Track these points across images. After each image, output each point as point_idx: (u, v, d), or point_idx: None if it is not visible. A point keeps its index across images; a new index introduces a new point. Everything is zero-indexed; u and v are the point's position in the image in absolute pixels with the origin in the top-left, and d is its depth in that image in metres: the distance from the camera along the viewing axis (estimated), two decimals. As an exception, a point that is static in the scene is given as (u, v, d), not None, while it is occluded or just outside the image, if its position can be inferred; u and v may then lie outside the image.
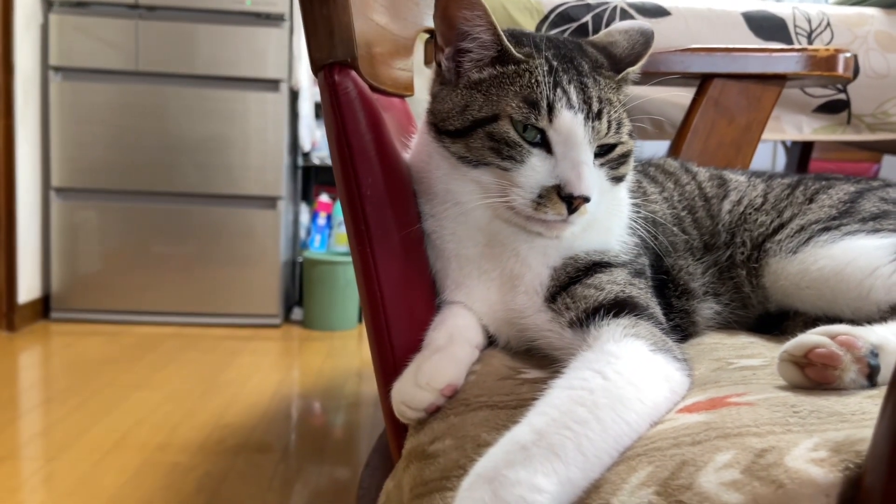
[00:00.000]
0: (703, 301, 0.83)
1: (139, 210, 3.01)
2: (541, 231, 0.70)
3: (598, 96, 0.70)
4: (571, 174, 0.67)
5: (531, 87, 0.69)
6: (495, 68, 0.71)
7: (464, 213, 0.73)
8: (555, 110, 0.68)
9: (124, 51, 2.93)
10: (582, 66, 0.72)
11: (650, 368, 0.57)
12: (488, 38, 0.70)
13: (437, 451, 0.58)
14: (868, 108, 1.43)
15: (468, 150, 0.70)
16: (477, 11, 0.68)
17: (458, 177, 0.72)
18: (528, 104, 0.68)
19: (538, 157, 0.69)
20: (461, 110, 0.71)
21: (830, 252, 0.74)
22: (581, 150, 0.68)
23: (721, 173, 0.95)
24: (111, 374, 2.37)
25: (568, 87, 0.69)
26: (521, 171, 0.68)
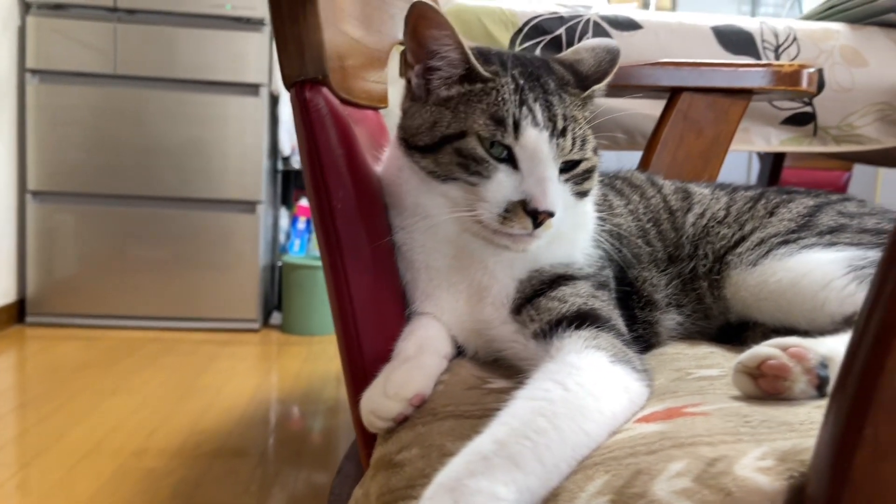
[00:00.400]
0: (665, 312, 0.85)
1: (117, 214, 3.00)
2: (507, 244, 0.72)
3: (563, 114, 0.72)
4: (537, 190, 0.69)
5: (498, 105, 0.71)
6: (463, 86, 0.73)
7: (433, 226, 0.75)
8: (521, 128, 0.70)
9: (103, 54, 2.91)
10: (548, 83, 0.74)
11: (610, 379, 0.59)
12: (456, 57, 0.72)
13: (404, 461, 0.59)
14: (833, 121, 1.47)
15: (437, 165, 0.72)
16: (445, 31, 0.70)
17: (427, 191, 0.74)
18: (494, 121, 0.70)
19: (505, 172, 0.71)
20: (430, 126, 0.73)
21: (788, 265, 0.77)
22: (546, 167, 0.70)
23: (686, 186, 0.98)
24: (87, 379, 2.35)
25: (534, 104, 0.71)
26: (488, 186, 0.70)
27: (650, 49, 1.37)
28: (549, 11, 1.39)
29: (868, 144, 1.49)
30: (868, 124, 1.47)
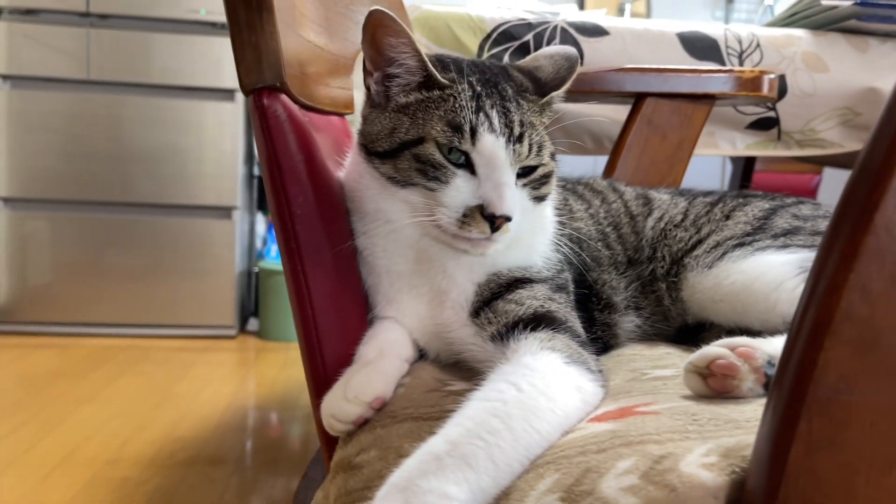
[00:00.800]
0: (624, 315, 0.87)
1: (91, 220, 2.97)
2: (466, 248, 0.73)
3: (520, 120, 0.73)
4: (493, 195, 0.70)
5: (455, 112, 0.72)
6: (421, 93, 0.74)
7: (394, 230, 0.76)
8: (477, 134, 0.71)
9: (75, 59, 2.89)
10: (505, 90, 0.76)
11: (563, 380, 0.61)
12: (414, 64, 0.73)
13: (362, 462, 0.60)
14: (797, 126, 1.50)
15: (396, 171, 0.73)
16: (402, 39, 0.71)
17: (387, 196, 0.75)
18: (451, 128, 0.71)
19: (462, 177, 0.72)
20: (389, 133, 0.74)
21: (742, 267, 0.78)
22: (503, 172, 0.71)
23: (647, 192, 1.00)
24: (60, 388, 2.33)
25: (490, 111, 0.72)
26: (447, 191, 0.71)
27: (617, 55, 1.39)
28: (518, 18, 1.41)
29: (830, 148, 1.52)
30: (830, 129, 1.50)
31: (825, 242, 0.46)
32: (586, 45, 1.40)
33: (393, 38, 0.72)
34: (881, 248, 0.43)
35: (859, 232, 0.43)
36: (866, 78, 1.48)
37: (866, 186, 0.43)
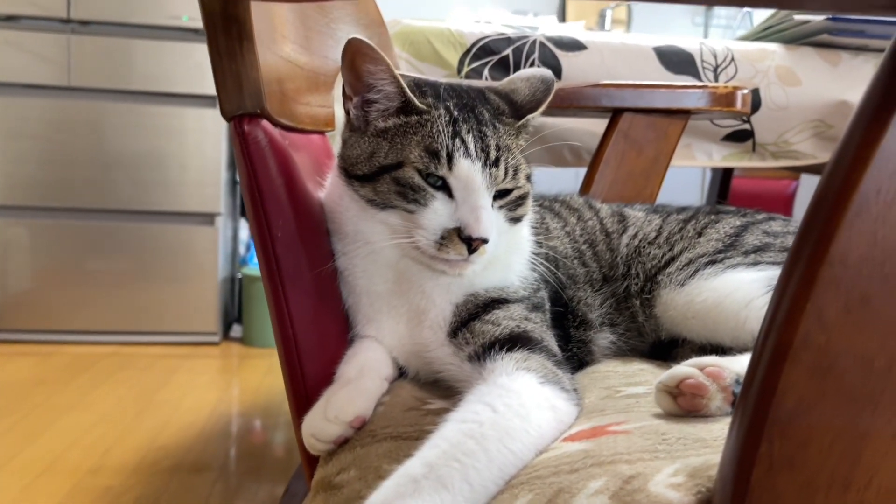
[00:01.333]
0: (599, 331, 0.89)
1: (73, 227, 2.96)
2: (444, 269, 0.75)
3: (496, 144, 0.75)
4: (470, 218, 0.71)
5: (432, 137, 0.73)
6: (399, 118, 0.75)
7: (373, 251, 0.77)
8: (454, 159, 0.72)
9: (56, 65, 2.87)
10: (482, 114, 0.77)
11: (538, 400, 0.62)
12: (392, 90, 0.75)
13: (342, 482, 0.62)
14: (770, 138, 1.53)
15: (376, 194, 0.75)
16: (380, 66, 0.73)
17: (366, 218, 0.76)
18: (429, 154, 0.72)
19: (441, 200, 0.73)
20: (368, 157, 0.75)
21: (713, 285, 0.81)
22: (479, 196, 0.73)
23: (622, 210, 1.02)
24: (42, 396, 2.32)
25: (466, 136, 0.74)
26: (425, 213, 0.73)
27: (595, 69, 1.42)
28: (497, 33, 1.43)
29: (804, 160, 1.55)
30: (803, 140, 1.54)
31: (784, 272, 0.48)
32: (564, 60, 1.42)
33: (371, 66, 0.73)
34: (836, 278, 0.45)
35: (815, 262, 0.45)
36: (838, 91, 1.51)
37: (822, 219, 0.45)
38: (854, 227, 0.44)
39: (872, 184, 0.43)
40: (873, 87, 0.45)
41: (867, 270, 0.44)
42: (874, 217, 0.43)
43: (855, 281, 0.44)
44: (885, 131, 0.42)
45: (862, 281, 0.44)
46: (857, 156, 0.43)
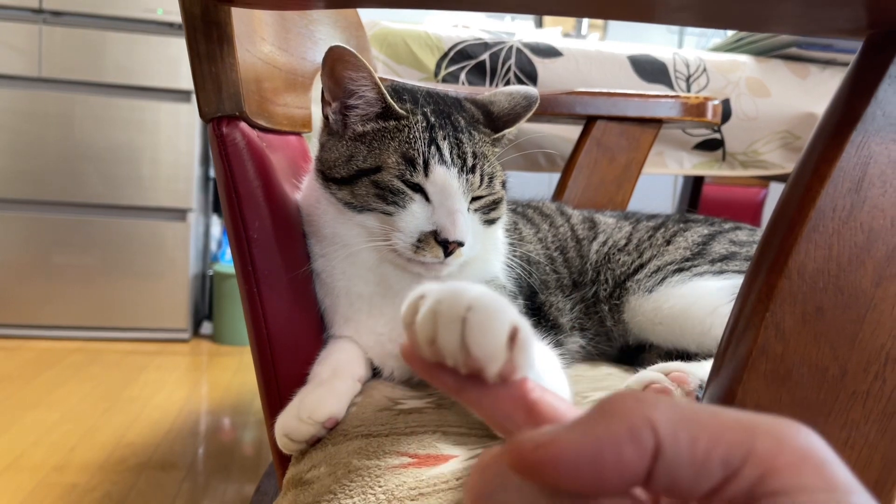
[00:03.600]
0: (569, 336, 0.90)
1: (41, 220, 2.91)
2: (420, 272, 0.76)
3: (472, 151, 0.76)
4: (447, 221, 0.73)
5: (409, 143, 0.74)
6: (378, 123, 0.76)
7: (352, 254, 0.78)
8: (430, 166, 0.74)
9: (27, 56, 2.83)
10: (459, 121, 0.79)
11: None
12: (373, 96, 0.76)
13: (313, 478, 0.62)
14: (740, 147, 1.56)
15: (353, 197, 0.75)
16: (362, 73, 0.74)
17: (344, 221, 0.77)
18: (405, 160, 0.74)
19: (419, 203, 0.74)
20: (346, 160, 0.76)
21: (680, 292, 0.83)
22: (455, 200, 0.74)
23: (593, 216, 1.04)
24: (6, 392, 2.28)
25: (442, 143, 0.75)
26: (403, 216, 0.74)
27: (570, 76, 1.44)
28: (474, 37, 1.44)
29: (772, 169, 1.59)
30: (772, 151, 1.57)
31: (745, 283, 0.50)
32: (540, 66, 1.44)
33: (353, 72, 0.74)
34: (794, 290, 0.47)
35: (774, 274, 0.47)
36: (805, 103, 1.55)
37: (781, 234, 0.47)
38: (811, 241, 0.46)
39: (829, 200, 0.45)
40: (832, 110, 0.47)
41: (823, 283, 0.46)
42: (830, 232, 0.45)
43: (811, 293, 0.46)
44: (842, 151, 0.44)
45: (817, 293, 0.46)
46: (815, 174, 0.45)
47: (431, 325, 0.32)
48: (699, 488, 0.25)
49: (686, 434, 0.25)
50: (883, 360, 0.46)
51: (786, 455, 0.24)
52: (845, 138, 0.45)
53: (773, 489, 0.24)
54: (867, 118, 0.45)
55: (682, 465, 0.24)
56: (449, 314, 0.31)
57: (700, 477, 0.25)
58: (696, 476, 0.25)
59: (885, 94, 0.45)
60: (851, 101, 0.46)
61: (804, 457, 0.25)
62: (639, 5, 0.49)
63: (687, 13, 0.49)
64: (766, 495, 0.24)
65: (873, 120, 0.44)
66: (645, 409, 0.25)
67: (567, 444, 0.25)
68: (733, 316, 0.50)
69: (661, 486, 0.25)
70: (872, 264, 0.46)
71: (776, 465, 0.24)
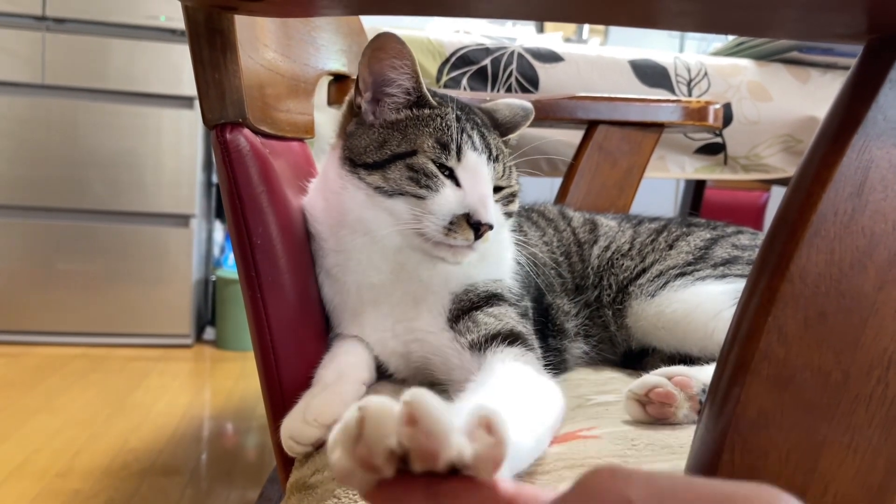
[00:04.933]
0: (574, 341, 0.91)
1: (45, 227, 2.92)
2: (445, 256, 0.78)
3: (495, 144, 0.81)
4: (479, 204, 0.75)
5: (443, 130, 0.78)
6: (412, 111, 0.80)
7: (373, 241, 0.79)
8: (462, 151, 0.77)
9: (30, 63, 2.84)
10: (481, 118, 0.83)
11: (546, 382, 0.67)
12: (411, 85, 0.79)
13: (316, 483, 0.63)
14: (742, 151, 1.57)
15: (385, 181, 0.77)
16: (406, 61, 0.77)
17: (372, 206, 0.78)
18: (440, 145, 0.77)
19: (450, 188, 0.77)
20: (379, 146, 0.79)
21: (682, 296, 0.83)
22: (486, 185, 0.77)
23: (594, 219, 1.04)
24: (10, 398, 2.29)
25: (472, 132, 0.79)
26: (435, 199, 0.76)
27: (571, 81, 1.44)
28: (476, 43, 1.44)
29: (773, 173, 1.59)
30: (773, 154, 1.58)
31: (747, 287, 0.50)
32: (542, 71, 1.44)
33: (397, 60, 0.77)
34: (796, 294, 0.47)
35: (776, 279, 0.47)
36: (806, 107, 1.56)
37: (783, 238, 0.47)
38: (813, 245, 0.46)
39: (830, 205, 0.45)
40: (832, 114, 0.47)
41: (825, 287, 0.46)
42: (832, 236, 0.45)
43: (813, 297, 0.46)
44: (843, 156, 0.44)
45: (819, 297, 0.46)
46: (817, 178, 0.45)
47: (356, 428, 0.29)
48: None
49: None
50: (886, 363, 0.46)
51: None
52: (846, 143, 0.45)
53: None
54: (868, 123, 0.45)
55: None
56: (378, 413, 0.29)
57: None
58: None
59: (886, 98, 0.45)
60: (852, 105, 0.46)
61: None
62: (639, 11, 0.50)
63: (687, 18, 0.49)
64: None
65: (874, 124, 0.45)
66: (621, 488, 0.25)
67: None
68: (735, 320, 0.50)
69: None
70: (874, 268, 0.46)
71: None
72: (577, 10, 0.54)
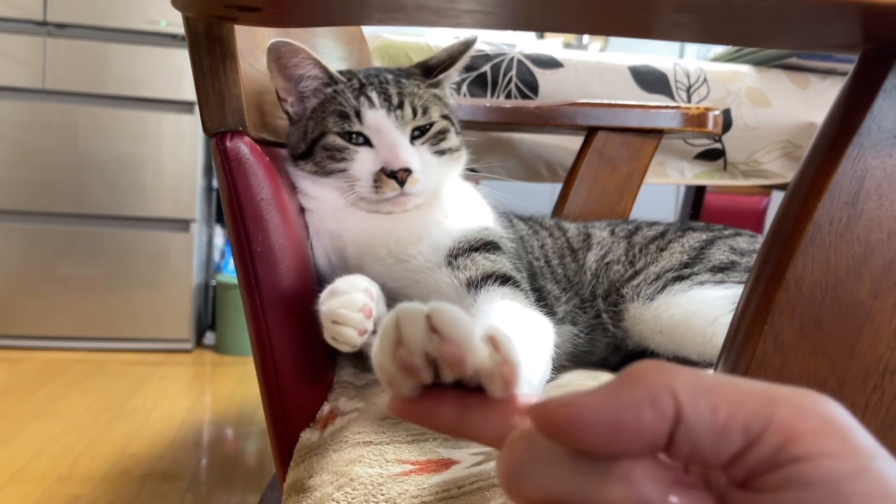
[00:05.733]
0: (563, 324, 0.92)
1: (45, 231, 2.92)
2: (391, 210, 0.83)
3: (398, 92, 0.84)
4: (388, 155, 0.81)
5: (340, 103, 0.83)
6: (323, 91, 0.85)
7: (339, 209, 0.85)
8: (361, 113, 0.82)
9: (31, 68, 2.85)
10: (386, 76, 0.87)
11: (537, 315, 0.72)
12: (316, 72, 0.84)
13: (314, 486, 0.63)
14: (741, 157, 1.57)
15: (315, 165, 0.84)
16: (301, 54, 0.81)
17: (319, 187, 0.85)
18: (341, 117, 0.82)
19: (364, 152, 0.83)
20: (303, 137, 0.85)
21: (680, 301, 0.84)
22: (392, 135, 0.82)
23: (589, 231, 1.04)
24: (9, 403, 2.29)
25: (371, 93, 0.83)
26: (355, 166, 0.82)
27: (571, 87, 1.45)
28: (475, 49, 1.44)
29: (773, 179, 1.60)
30: (773, 160, 1.58)
31: (744, 295, 0.50)
32: (541, 77, 1.45)
33: (294, 58, 0.81)
34: (792, 302, 0.47)
35: (772, 286, 0.48)
36: (806, 113, 1.56)
37: (779, 247, 0.48)
38: (809, 254, 0.46)
39: (826, 214, 0.45)
40: (828, 123, 0.47)
41: (820, 295, 0.46)
42: (827, 245, 0.46)
43: (809, 305, 0.46)
44: (838, 165, 0.45)
45: (815, 305, 0.46)
46: (812, 187, 0.46)
47: (394, 330, 0.32)
48: (721, 455, 0.25)
49: (706, 402, 0.25)
50: (881, 371, 0.46)
51: (807, 422, 0.25)
52: (841, 152, 0.45)
53: (795, 455, 0.24)
54: (863, 132, 0.45)
55: (702, 432, 0.25)
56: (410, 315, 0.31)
57: (721, 444, 0.25)
58: (716, 443, 0.25)
59: (881, 108, 0.45)
60: (847, 115, 0.46)
61: (826, 423, 0.25)
62: (637, 23, 0.50)
63: (685, 30, 0.50)
64: (788, 461, 0.24)
65: (869, 134, 0.45)
66: (665, 377, 0.26)
67: (588, 405, 0.26)
68: (732, 327, 0.51)
69: (684, 453, 0.26)
70: (870, 276, 0.46)
71: (797, 431, 0.25)
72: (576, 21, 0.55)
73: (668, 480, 0.26)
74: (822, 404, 0.26)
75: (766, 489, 0.25)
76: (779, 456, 0.25)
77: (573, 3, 0.47)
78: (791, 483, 0.24)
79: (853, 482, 0.24)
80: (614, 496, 0.26)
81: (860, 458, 0.24)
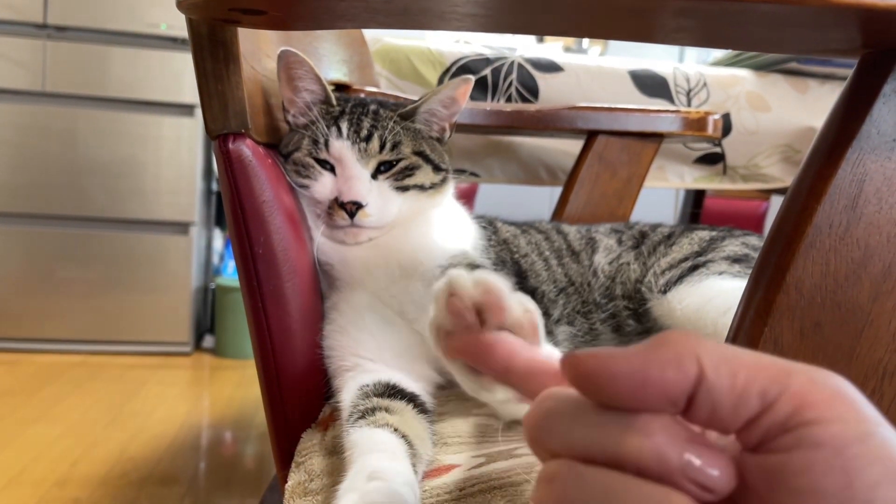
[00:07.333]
0: (559, 324, 0.92)
1: (44, 234, 2.92)
2: (343, 239, 0.84)
3: (370, 125, 0.84)
4: (343, 186, 0.82)
5: (314, 130, 0.84)
6: (311, 115, 0.86)
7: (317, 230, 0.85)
8: (329, 143, 0.83)
9: (31, 71, 2.85)
10: (370, 108, 0.88)
11: None
12: (317, 87, 0.85)
13: (317, 489, 0.63)
14: (741, 161, 1.57)
15: (289, 173, 0.85)
16: (305, 66, 0.82)
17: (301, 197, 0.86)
18: (312, 142, 0.84)
19: (327, 177, 0.83)
20: (288, 142, 0.87)
21: (696, 290, 0.84)
22: (351, 167, 0.82)
23: (592, 235, 1.04)
24: (7, 407, 2.28)
25: (342, 123, 0.84)
26: (317, 187, 0.83)
27: (571, 91, 1.45)
28: (476, 53, 1.45)
29: (772, 183, 1.60)
30: (772, 164, 1.59)
31: (744, 299, 0.51)
32: (541, 81, 1.45)
33: (300, 69, 0.83)
34: (791, 305, 0.47)
35: (772, 290, 0.48)
36: (805, 117, 1.57)
37: (779, 250, 0.48)
38: (808, 257, 0.46)
39: (825, 218, 0.46)
40: (827, 128, 0.48)
41: (820, 298, 0.46)
42: (827, 248, 0.46)
43: (809, 308, 0.46)
44: (838, 169, 0.45)
45: (815, 308, 0.46)
46: (812, 191, 0.46)
47: (447, 286, 0.39)
48: (738, 417, 0.27)
49: (727, 367, 0.27)
50: (880, 374, 0.46)
51: (819, 391, 0.27)
52: (841, 156, 0.46)
53: (807, 419, 0.26)
54: (862, 136, 0.45)
55: (722, 395, 0.27)
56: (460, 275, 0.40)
57: (739, 406, 0.27)
58: (735, 405, 0.27)
59: (880, 112, 0.45)
60: (847, 119, 0.47)
61: (836, 393, 0.27)
62: (637, 27, 0.50)
63: (684, 34, 0.50)
64: (800, 424, 0.26)
65: (868, 138, 0.45)
66: (692, 343, 0.28)
67: (617, 359, 0.28)
68: (732, 330, 0.51)
69: (703, 415, 0.28)
70: (869, 280, 0.46)
71: (810, 399, 0.27)
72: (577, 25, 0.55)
73: (686, 438, 0.28)
74: (832, 378, 0.28)
75: (778, 450, 0.27)
76: (791, 420, 0.27)
77: (574, 6, 0.47)
78: (801, 444, 0.26)
79: (858, 445, 0.26)
80: (633, 446, 0.27)
81: (866, 424, 0.26)
